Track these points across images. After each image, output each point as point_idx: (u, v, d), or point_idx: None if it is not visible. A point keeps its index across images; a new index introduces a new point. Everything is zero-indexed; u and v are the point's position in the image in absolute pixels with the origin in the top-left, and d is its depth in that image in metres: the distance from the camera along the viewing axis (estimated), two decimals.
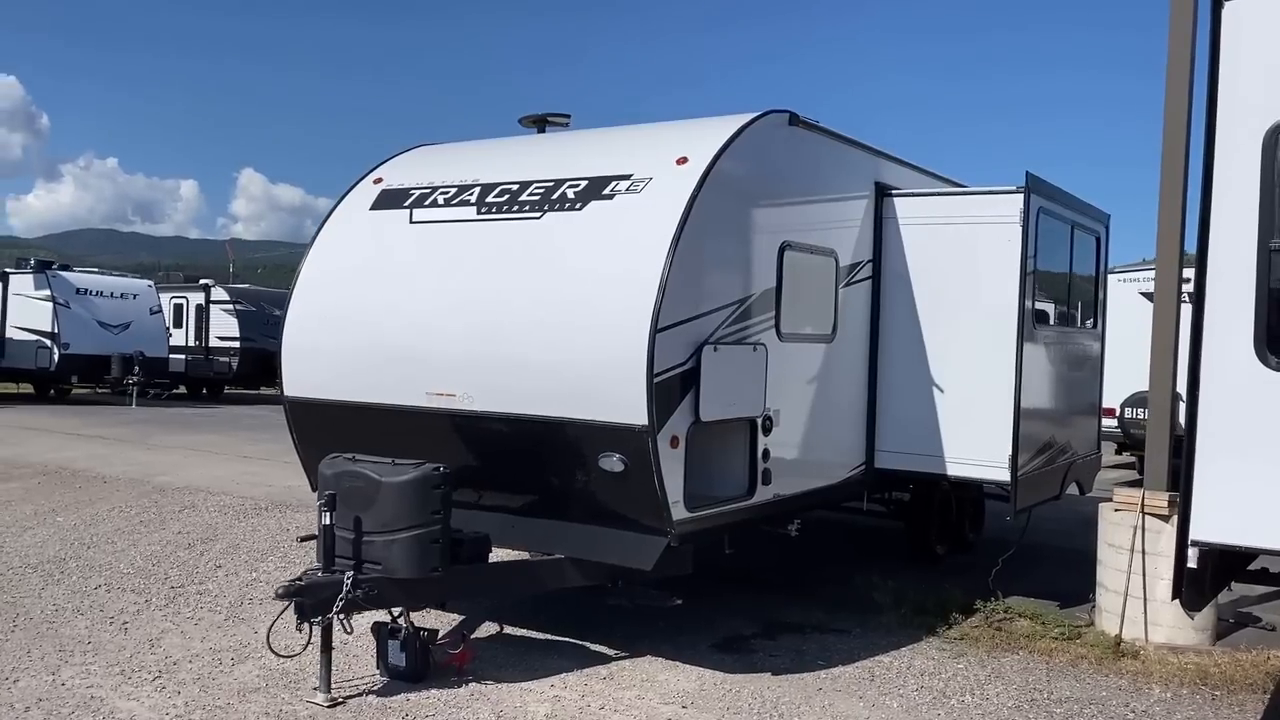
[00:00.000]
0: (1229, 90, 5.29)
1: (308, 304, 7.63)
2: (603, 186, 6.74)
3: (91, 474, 14.01)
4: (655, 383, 6.10)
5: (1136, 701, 6.56)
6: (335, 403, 7.40)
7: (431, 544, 6.16)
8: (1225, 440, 5.29)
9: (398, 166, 8.06)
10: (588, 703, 6.25)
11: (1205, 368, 5.32)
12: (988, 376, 8.09)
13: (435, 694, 6.28)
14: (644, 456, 6.15)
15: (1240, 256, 5.22)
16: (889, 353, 8.51)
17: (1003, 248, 8.01)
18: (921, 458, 8.42)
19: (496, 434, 6.78)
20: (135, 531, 10.63)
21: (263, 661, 6.65)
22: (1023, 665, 7.18)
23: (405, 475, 6.14)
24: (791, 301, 7.34)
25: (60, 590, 8.37)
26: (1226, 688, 6.80)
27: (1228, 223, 5.26)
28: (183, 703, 6.03)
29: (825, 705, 6.34)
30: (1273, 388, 5.18)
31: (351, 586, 6.03)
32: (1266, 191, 5.16)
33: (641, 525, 6.41)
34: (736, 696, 6.43)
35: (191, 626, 7.52)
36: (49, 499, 12.20)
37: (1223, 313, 5.26)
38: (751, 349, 6.89)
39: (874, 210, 8.46)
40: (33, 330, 25.73)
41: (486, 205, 7.10)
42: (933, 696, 6.54)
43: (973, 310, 8.25)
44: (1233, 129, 5.27)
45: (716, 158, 6.56)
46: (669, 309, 6.15)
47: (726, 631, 7.72)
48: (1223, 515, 5.33)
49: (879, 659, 7.23)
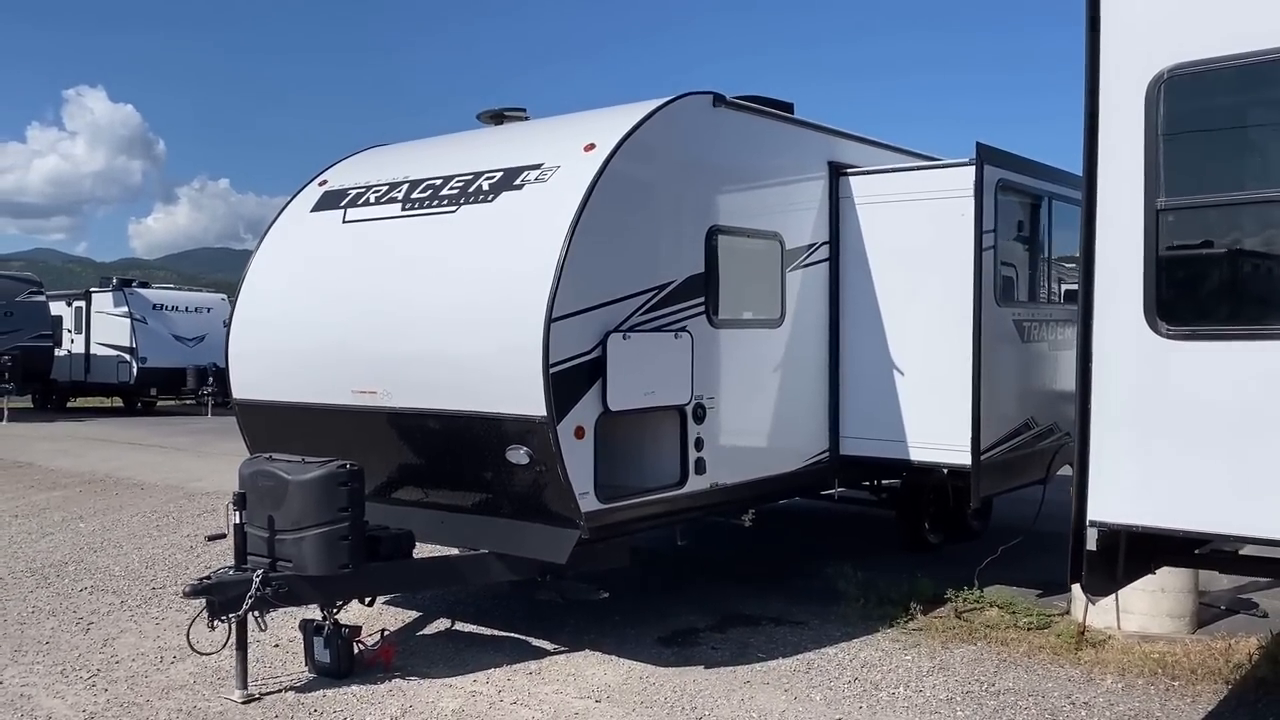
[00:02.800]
0: (1111, 36, 4.97)
1: (251, 308, 7.76)
2: (515, 177, 6.69)
3: (132, 481, 14.54)
4: (553, 373, 6.01)
5: (1081, 693, 6.22)
6: (277, 404, 7.51)
7: (340, 540, 6.18)
8: (1118, 414, 4.99)
9: (343, 168, 8.14)
10: (502, 698, 6.20)
11: (1096, 337, 5.01)
12: (947, 357, 7.78)
13: (354, 690, 6.31)
14: (546, 448, 6.08)
15: (1127, 216, 4.90)
16: (850, 336, 8.25)
17: (956, 222, 7.68)
18: (885, 443, 8.14)
19: (417, 430, 6.79)
20: (147, 535, 10.97)
21: (202, 661, 6.76)
22: (974, 657, 6.88)
23: (311, 473, 6.19)
24: (727, 287, 7.17)
25: (47, 593, 8.67)
26: (1186, 678, 6.40)
27: (1113, 182, 4.95)
28: (105, 700, 6.18)
29: (745, 699, 6.17)
30: (1165, 357, 4.85)
31: (261, 584, 6.10)
32: (1151, 146, 4.84)
33: (554, 518, 6.34)
34: (657, 690, 6.31)
35: (152, 626, 7.70)
36: (81, 506, 12.68)
37: (1111, 277, 4.95)
38: (673, 336, 6.75)
39: (829, 190, 8.21)
40: (113, 346, 26.88)
41: (410, 201, 7.12)
42: (862, 689, 6.31)
43: (931, 289, 7.94)
44: (1115, 78, 4.95)
45: (622, 143, 6.44)
46: (566, 297, 6.05)
47: (679, 624, 7.59)
48: (1121, 494, 5.02)
49: (824, 651, 7.01)
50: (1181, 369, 4.82)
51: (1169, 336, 4.82)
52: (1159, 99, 4.81)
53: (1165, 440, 4.88)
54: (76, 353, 27.65)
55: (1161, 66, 4.81)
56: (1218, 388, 4.73)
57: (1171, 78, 4.78)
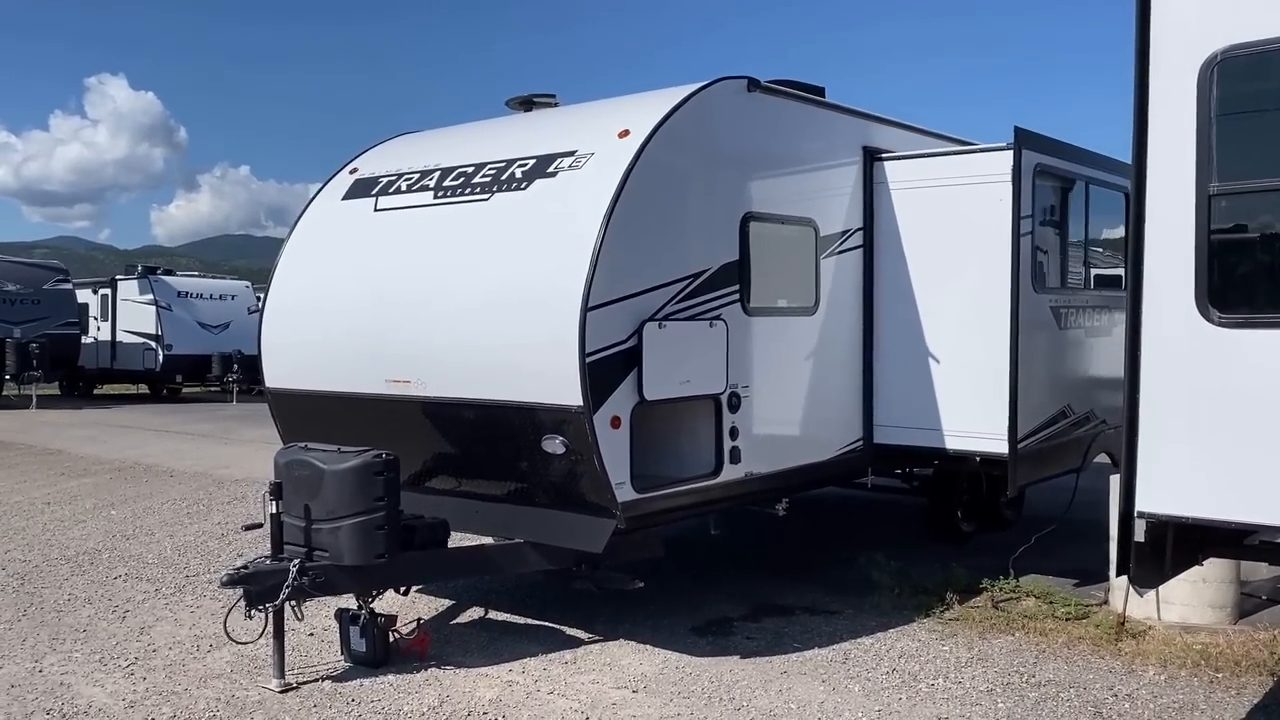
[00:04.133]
0: (1162, 17, 4.86)
1: (283, 296, 7.75)
2: (548, 164, 6.63)
3: (161, 469, 14.63)
4: (590, 362, 5.97)
5: (1123, 685, 6.15)
6: (309, 393, 7.50)
7: (376, 530, 6.17)
8: (1168, 403, 4.90)
9: (373, 155, 8.11)
10: (538, 687, 6.19)
11: (1145, 325, 4.93)
12: (984, 344, 7.70)
13: (390, 679, 6.30)
14: (583, 438, 6.04)
15: (1179, 203, 4.80)
16: (884, 323, 8.17)
17: (994, 207, 7.59)
18: (920, 432, 8.07)
19: (451, 419, 6.76)
20: (179, 523, 11.02)
21: (238, 649, 6.77)
22: (1013, 647, 6.82)
23: (347, 463, 6.17)
24: (761, 274, 7.11)
25: (82, 581, 8.72)
26: (1231, 669, 6.32)
27: (1164, 166, 4.85)
28: (144, 689, 6.20)
29: (782, 689, 6.13)
30: (1216, 345, 4.76)
31: (298, 573, 6.09)
32: (1204, 130, 4.73)
33: (590, 507, 6.31)
34: (694, 680, 6.27)
35: (187, 615, 7.73)
36: (112, 493, 12.76)
37: (1161, 264, 4.86)
38: (708, 325, 6.69)
39: (863, 175, 8.11)
40: (139, 333, 27.06)
41: (443, 189, 7.08)
42: (901, 680, 6.26)
43: (967, 275, 7.85)
44: (1166, 61, 4.85)
45: (657, 129, 6.37)
46: (602, 286, 6.00)
47: (712, 614, 7.55)
48: (1171, 485, 4.93)
49: (860, 641, 6.96)
50: (1233, 357, 4.73)
51: (1221, 324, 4.73)
52: (1212, 82, 4.71)
53: (1216, 430, 4.80)
54: (103, 340, 27.85)
55: (1214, 49, 4.71)
56: (1271, 376, 4.64)
57: (1224, 60, 4.68)
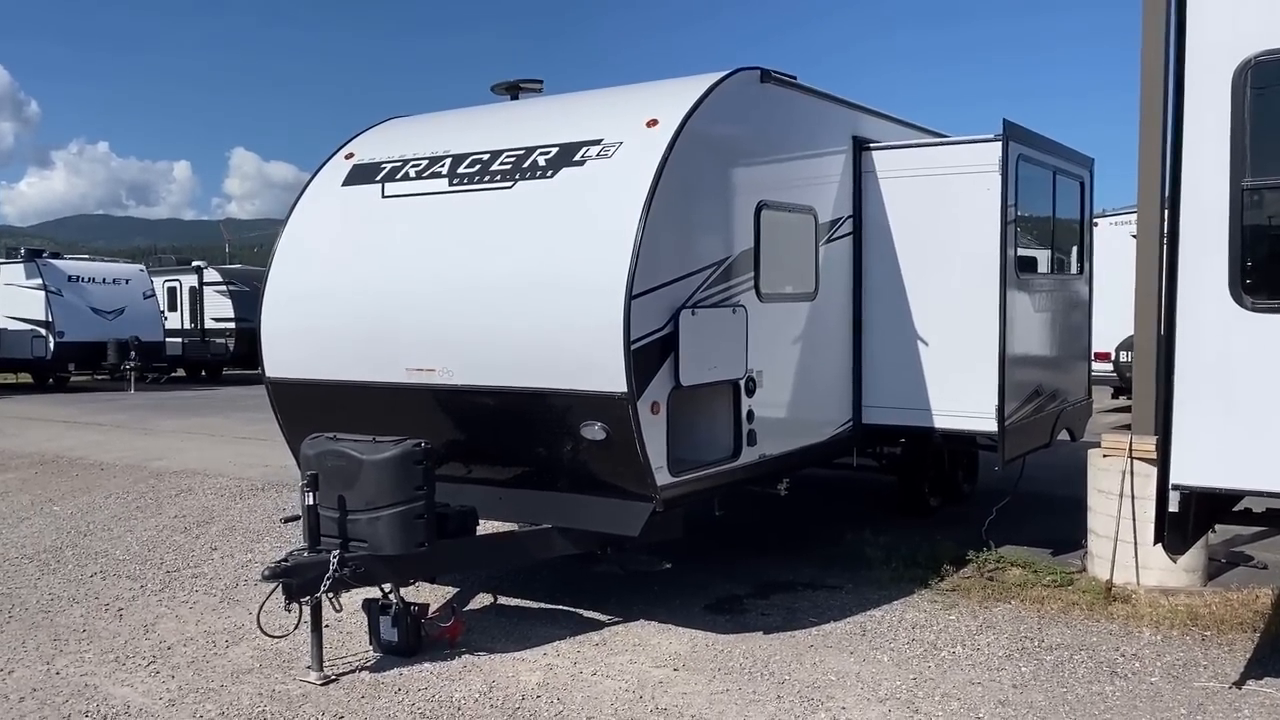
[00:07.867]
0: (1197, 25, 5.22)
1: (284, 284, 7.60)
2: (573, 153, 6.67)
3: (88, 462, 14.05)
4: (633, 349, 6.07)
5: (1126, 645, 6.58)
6: (317, 382, 7.39)
7: (416, 519, 6.16)
8: (1202, 382, 5.28)
9: (369, 140, 7.99)
10: (580, 669, 6.28)
11: (1180, 309, 5.30)
12: (972, 327, 8.06)
13: (428, 667, 6.30)
14: (625, 424, 6.14)
15: (1213, 195, 5.18)
16: (873, 308, 8.47)
17: (982, 196, 7.95)
18: (909, 412, 8.40)
19: (479, 407, 6.76)
20: (132, 517, 10.66)
21: (257, 643, 6.67)
22: (1014, 614, 7.21)
23: (387, 453, 6.13)
24: (771, 261, 7.29)
25: (56, 579, 8.40)
26: (1217, 628, 6.82)
27: (1199, 161, 5.22)
28: (176, 686, 6.07)
29: (817, 661, 6.36)
30: (1248, 327, 5.16)
31: (338, 565, 6.04)
32: (1238, 128, 5.11)
33: (626, 492, 6.41)
34: (729, 656, 6.46)
35: (186, 610, 7.55)
36: (46, 488, 12.23)
37: (1196, 253, 5.23)
38: (731, 311, 6.85)
39: (853, 165, 8.38)
40: (27, 320, 25.75)
41: (458, 176, 7.04)
42: (923, 649, 6.57)
43: (955, 261, 8.20)
44: (1202, 65, 5.21)
45: (687, 118, 6.49)
46: (644, 274, 6.10)
47: (720, 593, 7.75)
48: (1203, 458, 5.33)
49: (871, 614, 7.25)
50: (1264, 340, 5.14)
51: (1252, 309, 5.13)
52: (1246, 83, 5.08)
53: (1246, 407, 5.21)
54: None
55: (1248, 54, 5.09)
56: None
57: (1259, 63, 5.06)
